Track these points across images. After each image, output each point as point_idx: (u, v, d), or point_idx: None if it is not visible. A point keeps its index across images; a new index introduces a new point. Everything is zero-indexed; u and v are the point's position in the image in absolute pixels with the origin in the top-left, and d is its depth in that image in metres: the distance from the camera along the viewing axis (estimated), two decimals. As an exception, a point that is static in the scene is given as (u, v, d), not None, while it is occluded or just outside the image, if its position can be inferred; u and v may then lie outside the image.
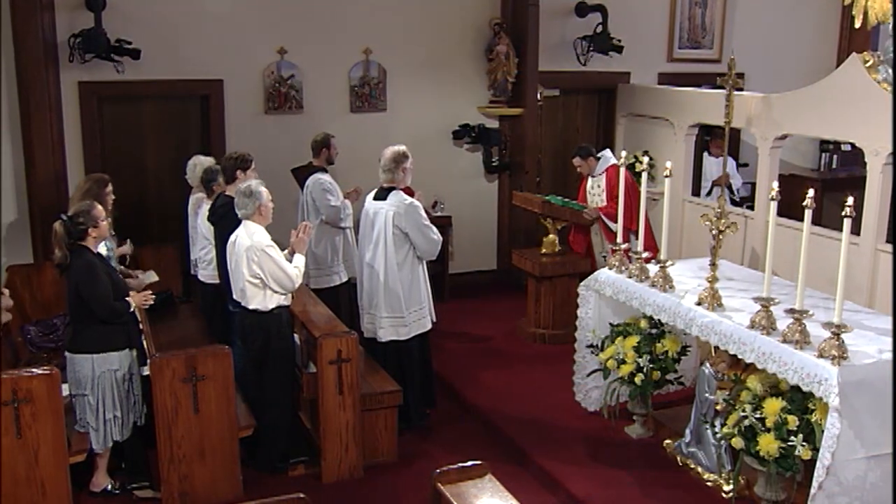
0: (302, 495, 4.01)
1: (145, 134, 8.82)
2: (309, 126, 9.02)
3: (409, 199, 6.43)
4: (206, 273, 7.18)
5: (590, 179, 8.42)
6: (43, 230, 7.62)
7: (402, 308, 6.40)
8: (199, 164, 7.57)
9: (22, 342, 6.64)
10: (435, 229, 6.50)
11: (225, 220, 6.36)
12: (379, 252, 6.39)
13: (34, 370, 5.22)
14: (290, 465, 6.04)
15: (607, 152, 8.48)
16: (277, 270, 5.76)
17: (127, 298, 5.57)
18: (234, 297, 5.99)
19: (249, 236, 5.78)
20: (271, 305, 5.83)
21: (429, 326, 6.63)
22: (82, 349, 5.45)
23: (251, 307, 5.82)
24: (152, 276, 6.94)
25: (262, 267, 5.72)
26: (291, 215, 7.98)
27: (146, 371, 5.72)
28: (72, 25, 8.00)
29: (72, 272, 5.42)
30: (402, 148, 6.54)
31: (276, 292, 5.82)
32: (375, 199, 6.51)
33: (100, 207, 5.63)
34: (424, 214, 6.45)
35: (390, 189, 6.45)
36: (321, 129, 8.96)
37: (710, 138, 9.89)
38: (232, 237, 5.94)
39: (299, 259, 5.97)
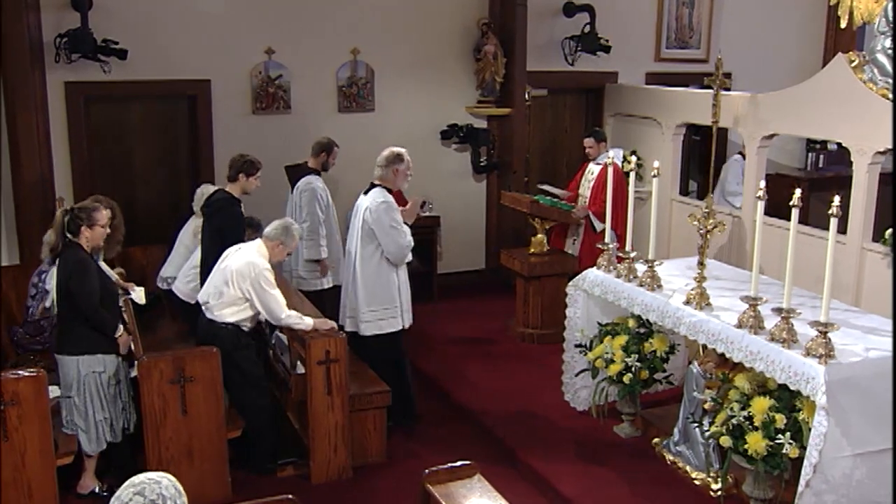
0: (291, 496, 4.00)
1: (132, 134, 8.78)
2: (297, 126, 9.02)
3: (385, 198, 6.39)
4: (186, 291, 6.94)
5: (591, 164, 8.50)
6: (29, 231, 7.58)
7: (361, 303, 6.39)
8: (207, 192, 7.46)
9: (9, 344, 6.60)
10: (406, 233, 6.43)
11: (219, 215, 6.36)
12: (354, 245, 6.44)
13: (21, 372, 5.19)
14: (278, 466, 6.03)
15: (618, 151, 8.48)
16: (268, 295, 5.78)
17: (119, 326, 5.56)
18: (202, 297, 5.97)
19: (257, 250, 5.85)
20: (233, 319, 5.82)
21: (397, 327, 6.51)
22: (68, 350, 5.42)
23: (211, 316, 5.83)
24: (141, 298, 6.78)
25: (254, 287, 5.74)
26: (277, 214, 7.94)
27: (133, 373, 5.70)
28: (58, 25, 7.96)
29: (62, 266, 5.41)
30: (400, 150, 6.56)
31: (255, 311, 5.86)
32: (364, 193, 6.56)
33: (104, 212, 5.62)
34: (398, 218, 6.40)
35: (374, 186, 6.49)
36: (309, 129, 8.99)
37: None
38: (237, 247, 5.97)
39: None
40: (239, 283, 5.76)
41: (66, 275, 5.38)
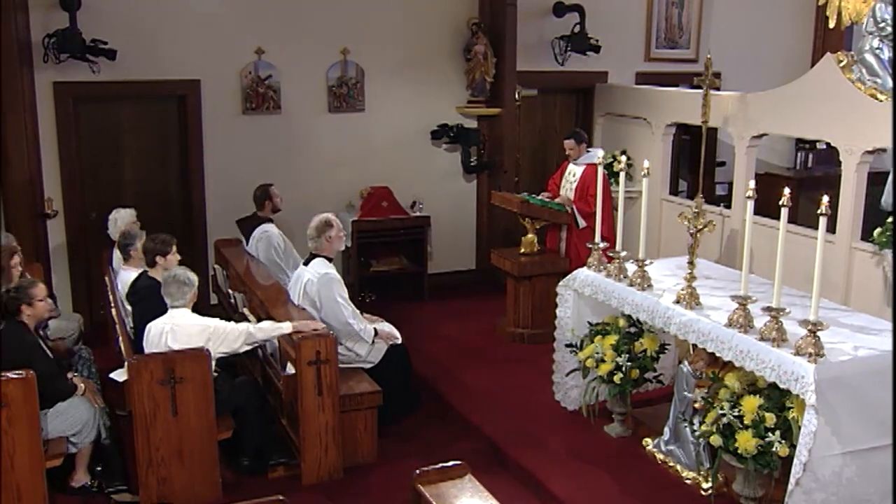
0: (281, 497, 4.01)
1: (122, 135, 8.75)
2: (287, 126, 9.01)
3: (328, 269, 6.43)
4: None
5: (571, 165, 8.49)
6: (18, 232, 7.54)
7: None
8: (120, 218, 7.35)
9: None
10: (346, 311, 6.35)
11: (145, 303, 6.14)
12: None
13: (9, 374, 5.15)
14: (269, 467, 6.01)
15: (598, 151, 8.52)
16: (230, 333, 5.76)
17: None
18: None
19: (186, 314, 5.74)
20: None
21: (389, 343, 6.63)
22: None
23: None
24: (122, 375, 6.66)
25: (216, 340, 5.69)
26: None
27: (124, 376, 5.68)
28: (46, 25, 7.92)
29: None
30: (326, 216, 6.58)
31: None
32: (305, 263, 6.60)
33: (41, 286, 5.58)
34: (343, 292, 6.40)
35: (315, 256, 6.52)
36: (299, 129, 8.98)
37: None
38: (163, 331, 5.70)
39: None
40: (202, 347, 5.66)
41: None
